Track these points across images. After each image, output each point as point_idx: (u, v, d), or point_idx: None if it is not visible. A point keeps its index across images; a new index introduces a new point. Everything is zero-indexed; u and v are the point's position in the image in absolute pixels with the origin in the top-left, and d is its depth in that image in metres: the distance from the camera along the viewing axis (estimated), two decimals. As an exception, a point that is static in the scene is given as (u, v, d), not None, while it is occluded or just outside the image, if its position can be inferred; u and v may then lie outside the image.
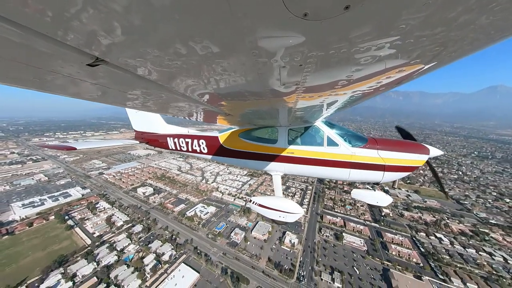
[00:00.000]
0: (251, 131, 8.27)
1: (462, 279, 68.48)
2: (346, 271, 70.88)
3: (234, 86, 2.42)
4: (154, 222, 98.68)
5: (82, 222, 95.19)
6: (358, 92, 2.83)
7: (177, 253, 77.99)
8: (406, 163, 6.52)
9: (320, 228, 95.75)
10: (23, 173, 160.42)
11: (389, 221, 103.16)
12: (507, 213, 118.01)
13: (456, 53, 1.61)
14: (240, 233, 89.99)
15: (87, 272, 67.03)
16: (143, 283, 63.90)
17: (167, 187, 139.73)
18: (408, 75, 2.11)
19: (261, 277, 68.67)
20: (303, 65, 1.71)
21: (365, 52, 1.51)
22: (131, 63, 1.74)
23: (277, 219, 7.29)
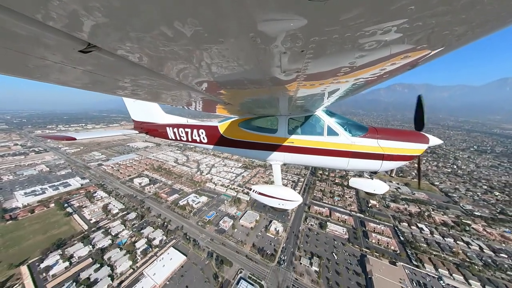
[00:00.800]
0: (251, 120, 8.24)
1: (435, 265, 72.06)
2: (325, 257, 75.07)
3: (233, 74, 2.37)
4: (148, 210, 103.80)
5: (80, 209, 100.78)
6: (361, 80, 2.77)
7: (167, 238, 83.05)
8: (405, 152, 6.52)
9: (306, 217, 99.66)
10: (25, 164, 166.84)
11: (374, 212, 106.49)
12: (494, 205, 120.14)
13: (464, 37, 1.52)
14: (228, 221, 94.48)
15: (83, 254, 72.49)
16: (133, 264, 69.09)
17: (163, 178, 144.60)
18: (413, 62, 2.07)
19: (244, 261, 73.34)
20: (304, 50, 1.65)
21: (370, 37, 1.43)
22: (125, 49, 1.69)
23: (276, 206, 7.44)
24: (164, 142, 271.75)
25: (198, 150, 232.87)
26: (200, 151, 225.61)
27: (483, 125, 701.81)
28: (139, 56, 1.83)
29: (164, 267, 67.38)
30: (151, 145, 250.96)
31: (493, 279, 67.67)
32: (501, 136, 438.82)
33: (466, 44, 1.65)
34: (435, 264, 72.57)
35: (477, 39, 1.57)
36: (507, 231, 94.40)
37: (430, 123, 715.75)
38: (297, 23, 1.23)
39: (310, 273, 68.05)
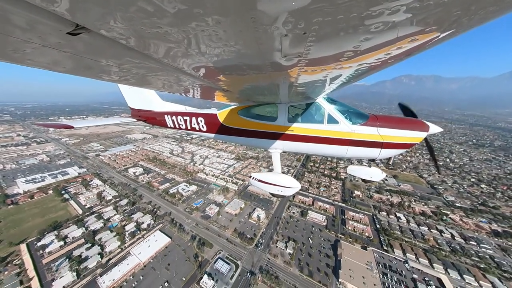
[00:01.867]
0: (250, 108, 8.14)
1: (404, 250, 76.25)
2: (301, 241, 79.95)
3: (231, 59, 2.26)
4: (140, 197, 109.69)
5: (76, 196, 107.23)
6: (364, 65, 2.64)
7: (155, 222, 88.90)
8: (404, 140, 6.51)
9: (289, 206, 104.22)
10: (27, 153, 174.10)
11: (357, 202, 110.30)
12: (477, 197, 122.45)
13: (477, 17, 1.38)
14: (214, 208, 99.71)
15: (76, 234, 78.84)
16: (122, 244, 75.17)
17: (157, 168, 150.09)
18: (421, 45, 1.95)
19: (224, 243, 78.80)
20: (307, 33, 1.54)
21: (377, 17, 1.32)
22: (115, 31, 1.56)
23: (275, 193, 7.50)
24: (161, 134, 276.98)
25: (194, 142, 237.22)
26: (196, 142, 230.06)
27: (488, 118, 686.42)
28: (131, 38, 1.72)
29: (150, 247, 73.24)
30: (148, 136, 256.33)
31: (457, 263, 71.70)
32: (504, 130, 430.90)
33: (477, 25, 1.53)
34: (404, 249, 76.74)
35: (490, 20, 1.45)
36: (483, 221, 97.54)
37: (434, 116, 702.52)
38: (300, 2, 1.13)
39: (284, 255, 73.12)
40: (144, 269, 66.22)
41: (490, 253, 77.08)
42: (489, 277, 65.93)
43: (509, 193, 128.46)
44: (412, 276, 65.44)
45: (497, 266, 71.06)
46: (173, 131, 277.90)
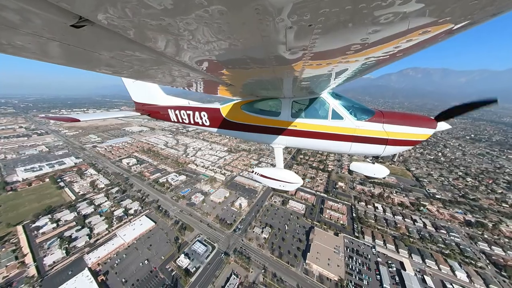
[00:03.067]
0: (253, 103, 8.09)
1: (374, 237, 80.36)
2: (277, 227, 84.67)
3: (234, 52, 2.24)
4: (131, 186, 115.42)
5: (71, 184, 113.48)
6: (372, 59, 2.55)
7: (142, 209, 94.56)
8: (410, 137, 6.35)
9: (272, 195, 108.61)
10: (28, 144, 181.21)
11: (338, 192, 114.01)
12: (460, 190, 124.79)
13: (495, 7, 1.30)
14: (200, 196, 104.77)
15: (68, 218, 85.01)
16: (109, 227, 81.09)
17: (150, 159, 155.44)
18: (432, 38, 1.85)
19: (204, 228, 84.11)
20: (313, 25, 1.48)
21: (387, 8, 1.25)
22: (119, 24, 1.56)
23: (277, 187, 7.54)
24: (158, 126, 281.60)
25: (189, 135, 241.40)
26: (191, 135, 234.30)
27: (494, 113, 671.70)
28: (134, 31, 1.71)
29: (134, 230, 78.95)
30: (145, 129, 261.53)
31: (422, 250, 75.61)
32: (507, 125, 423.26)
33: (494, 16, 1.45)
34: (375, 236, 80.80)
35: (508, 11, 1.38)
36: (459, 212, 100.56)
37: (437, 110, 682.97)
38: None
39: (259, 239, 78.04)
40: (128, 249, 72.07)
41: (458, 241, 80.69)
42: (450, 262, 69.89)
43: (493, 187, 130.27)
44: (376, 260, 69.78)
45: (461, 252, 74.82)
46: (170, 124, 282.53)
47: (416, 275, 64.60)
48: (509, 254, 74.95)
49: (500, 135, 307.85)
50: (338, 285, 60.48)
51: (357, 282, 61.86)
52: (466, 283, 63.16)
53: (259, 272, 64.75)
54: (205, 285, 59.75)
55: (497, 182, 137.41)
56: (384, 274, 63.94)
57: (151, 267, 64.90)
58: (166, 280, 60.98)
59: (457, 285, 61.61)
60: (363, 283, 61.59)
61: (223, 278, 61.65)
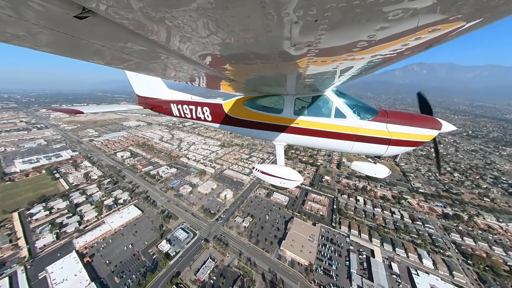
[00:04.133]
0: (256, 99, 8.01)
1: (350, 227, 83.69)
2: (259, 217, 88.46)
3: (238, 47, 2.20)
4: (123, 177, 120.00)
5: (65, 175, 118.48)
6: (378, 57, 2.48)
7: (132, 199, 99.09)
8: (413, 138, 6.24)
9: (258, 188, 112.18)
10: (27, 138, 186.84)
11: (323, 185, 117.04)
12: (444, 185, 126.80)
13: (509, 6, 1.25)
14: (188, 188, 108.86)
15: (61, 206, 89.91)
16: (99, 215, 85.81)
17: (144, 152, 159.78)
18: (442, 36, 1.80)
19: (189, 217, 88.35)
20: (319, 20, 1.44)
21: (397, 3, 1.21)
22: (122, 16, 1.54)
23: (277, 185, 7.57)
24: (155, 121, 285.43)
25: (185, 129, 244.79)
26: (187, 130, 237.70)
27: (498, 110, 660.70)
28: (138, 24, 1.69)
29: (122, 218, 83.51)
30: (143, 124, 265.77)
31: (395, 239, 78.79)
32: (509, 122, 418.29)
33: (507, 15, 1.37)
34: (351, 226, 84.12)
35: None
36: (439, 205, 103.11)
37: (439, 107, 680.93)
38: None
39: (239, 227, 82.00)
40: (114, 234, 76.71)
41: (431, 232, 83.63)
42: (419, 251, 73.08)
43: (479, 182, 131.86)
44: (348, 248, 73.29)
45: (432, 242, 77.85)
46: (167, 119, 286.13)
47: (384, 262, 68.04)
48: (479, 245, 77.82)
49: (499, 132, 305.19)
50: (308, 269, 64.26)
51: (326, 267, 65.60)
52: (431, 270, 66.48)
53: (235, 257, 68.86)
54: (182, 267, 64.11)
55: (484, 177, 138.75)
56: (353, 260, 67.51)
57: (134, 251, 69.46)
58: (147, 263, 65.49)
59: (421, 271, 64.94)
60: (332, 268, 65.29)
61: (200, 262, 65.89)
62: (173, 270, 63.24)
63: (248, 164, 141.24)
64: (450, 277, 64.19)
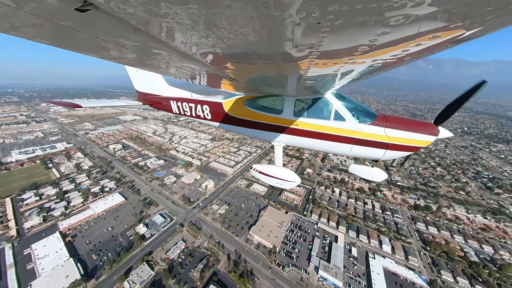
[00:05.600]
0: (256, 99, 8.00)
1: (321, 215, 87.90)
2: (235, 205, 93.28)
3: (240, 46, 2.19)
4: (112, 168, 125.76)
5: (58, 165, 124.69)
6: (379, 61, 2.51)
7: (117, 187, 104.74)
8: (411, 143, 6.32)
9: (239, 178, 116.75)
10: (26, 130, 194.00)
11: (304, 178, 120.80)
12: (424, 178, 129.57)
13: (509, 16, 1.27)
14: (172, 178, 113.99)
15: (51, 193, 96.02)
16: (84, 201, 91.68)
17: (136, 145, 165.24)
18: (442, 43, 1.82)
19: (169, 204, 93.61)
20: (321, 23, 1.44)
21: (398, 9, 1.22)
22: (124, 10, 1.52)
23: (275, 185, 7.69)
24: (151, 116, 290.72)
25: (179, 124, 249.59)
26: (181, 124, 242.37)
27: (501, 107, 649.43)
28: (140, 19, 1.67)
29: (105, 204, 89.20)
30: (138, 118, 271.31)
31: (362, 227, 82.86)
32: (509, 119, 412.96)
33: (507, 25, 1.40)
34: (321, 215, 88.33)
35: None
36: (413, 197, 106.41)
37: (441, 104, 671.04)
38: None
39: (215, 214, 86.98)
40: (97, 218, 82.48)
41: (398, 221, 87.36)
42: (381, 237, 77.14)
43: (459, 176, 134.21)
44: (314, 234, 77.75)
45: (396, 230, 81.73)
46: (162, 114, 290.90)
47: (346, 247, 72.43)
48: (442, 233, 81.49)
49: (496, 128, 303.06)
50: (271, 251, 69.04)
51: (289, 250, 70.29)
52: (388, 254, 70.66)
53: (205, 239, 74.02)
54: (155, 247, 69.56)
55: (466, 172, 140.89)
56: (316, 245, 71.97)
57: (113, 233, 75.12)
58: (124, 243, 71.09)
59: (378, 256, 69.18)
60: (295, 251, 69.91)
61: (172, 243, 71.20)
62: (146, 250, 68.74)
63: (234, 157, 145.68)
64: (405, 261, 68.31)
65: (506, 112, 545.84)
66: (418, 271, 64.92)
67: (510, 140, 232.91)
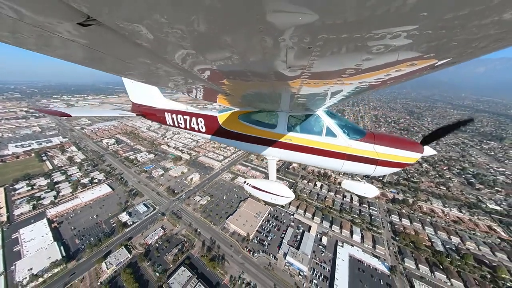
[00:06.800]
0: (251, 113, 8.19)
1: (298, 207, 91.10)
2: (217, 196, 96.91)
3: (237, 65, 2.34)
4: (103, 161, 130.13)
5: (52, 158, 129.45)
6: (364, 84, 2.74)
7: (106, 179, 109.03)
8: (399, 160, 6.57)
9: (225, 172, 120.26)
10: (24, 125, 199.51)
11: (289, 172, 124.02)
12: (408, 174, 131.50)
13: (476, 50, 1.46)
14: (160, 171, 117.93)
15: (42, 184, 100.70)
16: (73, 191, 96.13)
17: (129, 140, 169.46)
18: (419, 70, 2.06)
19: (154, 195, 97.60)
20: (312, 47, 1.60)
21: (379, 40, 1.39)
22: (126, 27, 1.58)
23: (268, 201, 7.61)
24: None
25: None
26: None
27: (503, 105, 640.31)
28: (142, 36, 1.73)
29: (93, 194, 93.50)
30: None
31: (337, 218, 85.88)
32: (509, 117, 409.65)
33: (475, 57, 1.62)
34: (299, 207, 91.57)
35: (490, 53, 1.51)
36: (393, 191, 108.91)
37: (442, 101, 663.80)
38: (307, 18, 1.18)
39: (196, 204, 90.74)
40: (84, 207, 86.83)
41: (373, 213, 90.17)
42: (354, 228, 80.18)
43: (444, 172, 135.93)
44: (289, 224, 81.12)
45: (370, 221, 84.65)
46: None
47: (317, 236, 75.72)
48: (414, 225, 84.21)
49: (492, 126, 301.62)
50: (244, 239, 72.65)
51: (263, 238, 73.82)
52: (357, 243, 73.78)
53: (184, 227, 77.91)
54: (135, 234, 73.66)
55: (451, 168, 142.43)
56: (289, 234, 75.35)
57: (98, 220, 79.40)
58: (106, 229, 75.32)
59: (347, 244, 72.36)
60: (267, 239, 73.42)
61: (152, 230, 75.21)
62: (127, 236, 72.88)
63: (224, 152, 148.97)
64: (372, 249, 71.42)
65: (507, 110, 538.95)
66: (383, 258, 68.00)
67: (504, 137, 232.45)
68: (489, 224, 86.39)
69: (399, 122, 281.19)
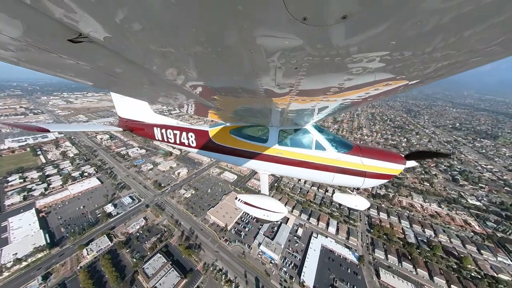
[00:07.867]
0: (242, 128, 8.27)
1: (280, 199, 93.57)
2: (202, 190, 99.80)
3: (228, 82, 2.46)
4: (95, 156, 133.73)
5: (46, 152, 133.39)
6: (348, 100, 2.94)
7: (96, 173, 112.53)
8: (384, 171, 6.82)
9: (213, 167, 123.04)
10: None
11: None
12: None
13: (439, 73, 1.71)
14: (149, 166, 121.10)
15: (34, 176, 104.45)
16: (64, 184, 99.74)
17: (122, 136, 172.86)
18: (394, 89, 2.30)
19: (140, 188, 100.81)
20: (298, 68, 1.75)
21: (357, 63, 1.57)
22: (117, 45, 1.63)
23: (261, 217, 7.55)
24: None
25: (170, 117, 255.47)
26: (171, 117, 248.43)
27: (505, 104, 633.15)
28: (132, 53, 1.79)
29: (82, 186, 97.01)
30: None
31: (316, 211, 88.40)
32: (508, 116, 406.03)
33: (442, 78, 1.86)
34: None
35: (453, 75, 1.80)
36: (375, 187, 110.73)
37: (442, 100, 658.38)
38: (293, 43, 1.32)
39: (181, 197, 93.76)
40: (72, 198, 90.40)
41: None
42: (331, 221, 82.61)
43: (431, 169, 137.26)
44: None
45: (347, 215, 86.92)
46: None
47: (293, 227, 78.32)
48: (391, 219, 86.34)
49: (489, 125, 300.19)
50: (222, 229, 75.52)
51: (240, 228, 76.64)
52: (332, 235, 76.26)
53: (165, 218, 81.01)
54: (118, 224, 76.95)
55: (439, 165, 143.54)
56: (266, 225, 77.95)
57: (84, 211, 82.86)
58: (91, 219, 78.76)
59: (322, 236, 74.87)
60: (245, 230, 76.24)
61: (135, 221, 78.44)
62: (110, 225, 76.21)
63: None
64: (346, 241, 73.85)
65: (508, 109, 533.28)
66: (354, 249, 70.43)
67: (498, 135, 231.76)
68: (465, 218, 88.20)
69: (395, 120, 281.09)
